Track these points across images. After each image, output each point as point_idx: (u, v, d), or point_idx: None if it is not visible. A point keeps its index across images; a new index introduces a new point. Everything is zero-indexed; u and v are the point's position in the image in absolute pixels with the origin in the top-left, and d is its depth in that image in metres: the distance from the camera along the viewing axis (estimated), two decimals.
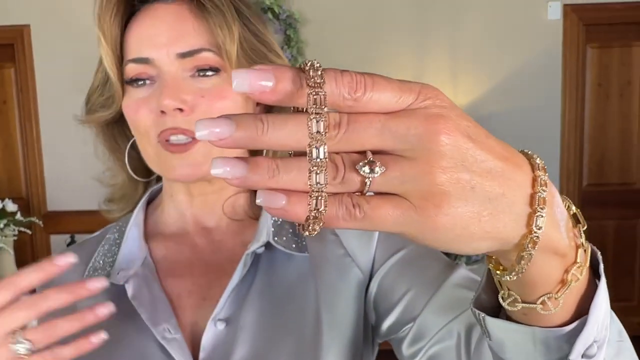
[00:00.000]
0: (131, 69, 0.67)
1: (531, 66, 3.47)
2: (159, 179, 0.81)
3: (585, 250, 0.37)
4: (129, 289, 0.68)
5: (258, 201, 0.30)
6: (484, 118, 3.14)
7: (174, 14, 0.67)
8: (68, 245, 3.31)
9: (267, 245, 0.70)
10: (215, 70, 0.66)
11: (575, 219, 0.38)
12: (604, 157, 3.59)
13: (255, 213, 0.75)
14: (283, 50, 2.47)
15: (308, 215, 0.30)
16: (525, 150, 0.35)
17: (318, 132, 0.29)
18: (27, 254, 3.63)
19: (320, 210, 0.29)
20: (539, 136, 3.40)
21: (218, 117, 0.29)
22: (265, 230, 0.70)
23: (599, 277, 0.39)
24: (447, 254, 0.86)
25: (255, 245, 0.68)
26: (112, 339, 0.66)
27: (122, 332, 0.67)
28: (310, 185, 0.29)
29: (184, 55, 0.66)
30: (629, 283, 3.61)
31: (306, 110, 0.30)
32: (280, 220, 0.72)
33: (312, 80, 0.29)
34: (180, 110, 0.65)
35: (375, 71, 0.30)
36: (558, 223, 0.34)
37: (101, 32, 0.68)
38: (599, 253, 0.39)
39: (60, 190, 3.60)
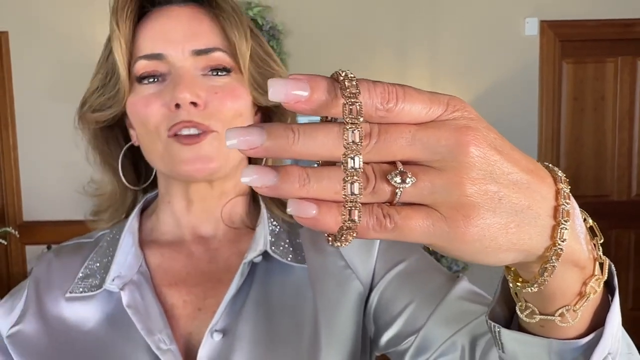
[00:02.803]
0: (142, 66, 0.67)
1: (509, 80, 3.53)
2: (151, 188, 0.80)
3: (601, 263, 0.38)
4: (124, 297, 0.67)
5: (288, 210, 0.30)
6: None
7: (188, 15, 0.68)
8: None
9: (264, 254, 0.69)
10: (227, 70, 0.68)
11: (591, 232, 0.39)
12: (579, 169, 3.66)
13: (252, 222, 0.74)
14: None
15: (342, 226, 0.29)
16: (546, 163, 0.36)
17: (354, 142, 0.28)
18: (1, 264, 3.54)
19: (354, 220, 0.29)
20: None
21: (249, 125, 0.29)
22: (262, 239, 0.70)
23: (610, 290, 0.39)
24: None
25: (253, 254, 0.68)
26: (103, 348, 0.66)
27: (114, 340, 0.66)
28: (344, 195, 0.29)
29: (199, 53, 0.67)
30: None
31: (334, 120, 0.30)
32: (278, 229, 0.72)
33: (348, 90, 0.28)
34: (195, 104, 0.65)
35: None
36: (579, 236, 0.35)
37: (116, 26, 0.67)
38: (612, 265, 0.39)
39: (37, 199, 3.53)
